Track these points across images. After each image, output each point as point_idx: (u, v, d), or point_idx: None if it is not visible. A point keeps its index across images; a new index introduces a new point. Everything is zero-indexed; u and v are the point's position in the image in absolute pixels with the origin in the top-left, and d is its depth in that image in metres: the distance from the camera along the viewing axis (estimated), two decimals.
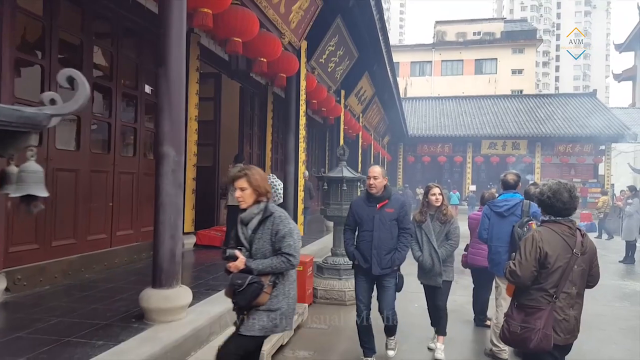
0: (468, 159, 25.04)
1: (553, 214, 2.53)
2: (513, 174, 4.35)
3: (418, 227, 4.29)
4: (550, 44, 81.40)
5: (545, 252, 2.40)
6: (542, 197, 2.56)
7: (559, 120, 24.67)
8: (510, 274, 2.46)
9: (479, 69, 40.25)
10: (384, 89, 13.52)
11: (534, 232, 2.50)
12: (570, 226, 2.50)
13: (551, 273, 2.41)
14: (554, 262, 2.41)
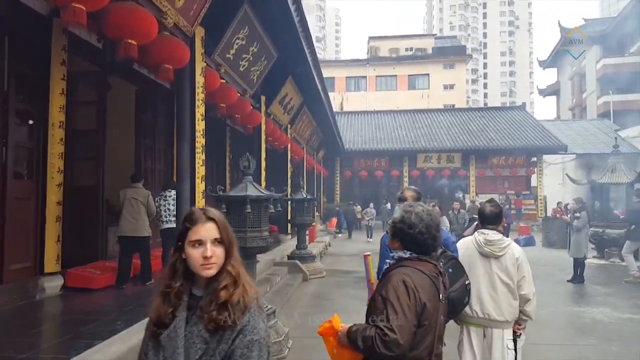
0: (405, 173, 24.50)
1: (421, 251, 1.96)
2: (412, 191, 3.88)
3: None
4: (478, 62, 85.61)
5: (423, 303, 1.82)
6: (411, 231, 1.95)
7: (491, 133, 24.82)
8: (388, 346, 1.72)
9: (412, 84, 40.67)
10: (314, 98, 12.30)
11: (401, 274, 1.86)
12: (436, 264, 2.00)
13: (427, 332, 1.85)
14: (430, 315, 1.85)
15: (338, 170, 25.53)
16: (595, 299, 7.94)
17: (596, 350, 5.31)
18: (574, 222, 9.71)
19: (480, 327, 3.19)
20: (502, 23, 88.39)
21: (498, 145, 23.38)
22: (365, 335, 1.80)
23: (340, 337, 1.94)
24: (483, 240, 3.27)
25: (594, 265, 11.02)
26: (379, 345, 1.74)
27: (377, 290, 1.94)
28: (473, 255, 3.30)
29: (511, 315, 3.14)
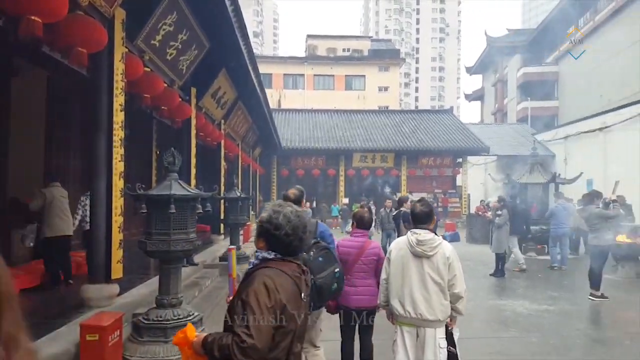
0: (341, 172, 24.74)
1: (287, 253, 1.93)
2: (295, 189, 4.11)
3: None
4: (410, 66, 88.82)
5: (283, 304, 1.78)
6: (277, 232, 1.91)
7: (421, 134, 25.71)
8: (245, 352, 1.64)
9: (349, 85, 41.23)
10: (249, 93, 11.95)
11: (263, 276, 1.81)
12: (300, 263, 1.97)
13: (287, 333, 1.81)
14: (291, 317, 1.83)
15: (275, 169, 25.25)
16: (515, 292, 8.38)
17: (518, 342, 5.55)
18: (496, 220, 10.23)
19: (414, 327, 3.20)
20: (433, 29, 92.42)
21: (428, 146, 24.27)
22: (222, 344, 1.70)
23: (196, 348, 1.84)
24: (415, 240, 3.25)
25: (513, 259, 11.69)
26: (236, 354, 1.65)
27: (238, 293, 1.84)
28: (406, 256, 3.29)
29: (443, 314, 3.16)
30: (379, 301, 3.52)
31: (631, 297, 7.71)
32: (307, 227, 2.01)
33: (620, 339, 5.64)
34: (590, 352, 5.24)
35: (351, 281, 3.84)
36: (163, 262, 4.62)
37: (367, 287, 3.85)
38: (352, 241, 4.01)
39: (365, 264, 3.88)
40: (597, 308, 7.19)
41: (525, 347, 5.35)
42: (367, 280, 3.87)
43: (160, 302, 4.56)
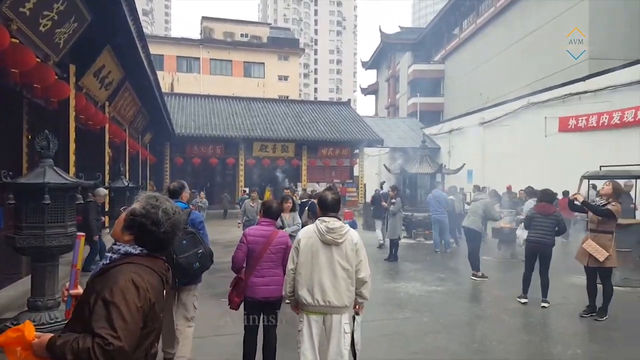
0: (241, 161, 24.20)
1: (157, 249, 1.80)
2: (177, 182, 4.38)
3: None
4: (309, 57, 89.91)
5: (152, 303, 1.69)
6: (155, 228, 1.75)
7: (321, 125, 26.15)
8: (111, 356, 1.50)
9: (248, 72, 40.46)
10: (138, 74, 10.98)
11: (130, 273, 1.66)
12: (164, 259, 1.85)
13: (150, 333, 1.72)
14: (156, 316, 1.73)
15: (168, 157, 23.84)
16: (407, 274, 8.89)
17: (412, 322, 5.86)
18: (391, 207, 10.76)
19: (321, 315, 3.21)
20: (331, 22, 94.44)
21: (327, 137, 24.77)
22: (80, 348, 1.50)
23: (36, 350, 1.60)
24: (325, 228, 3.24)
25: (404, 244, 12.41)
26: (99, 358, 1.50)
27: (95, 292, 1.63)
28: (315, 244, 3.27)
29: (349, 300, 3.21)
30: (284, 292, 3.45)
31: (507, 276, 8.60)
32: (182, 224, 1.94)
33: (499, 314, 6.24)
34: (474, 328, 5.71)
35: (259, 272, 3.82)
36: (36, 259, 4.03)
37: (275, 277, 3.83)
38: (260, 230, 3.95)
39: (274, 253, 3.86)
40: (478, 287, 7.89)
41: (418, 326, 5.67)
42: (275, 269, 3.85)
43: (33, 304, 3.99)
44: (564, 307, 6.57)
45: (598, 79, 16.83)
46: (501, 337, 5.26)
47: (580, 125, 17.38)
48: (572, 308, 6.36)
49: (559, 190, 14.47)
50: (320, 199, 3.44)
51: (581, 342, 5.13)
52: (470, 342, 5.12)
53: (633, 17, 20.29)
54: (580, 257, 6.11)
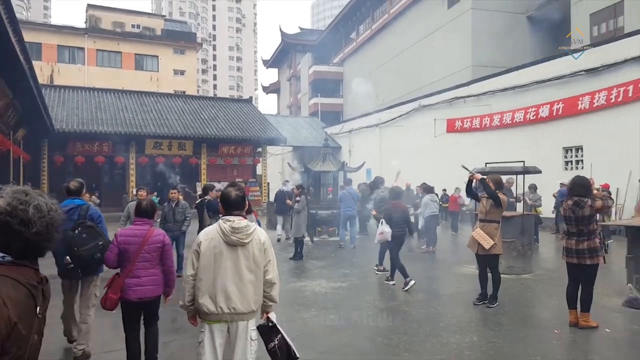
0: (131, 160, 22.43)
1: (27, 255, 1.43)
2: (76, 181, 4.58)
3: None
4: (208, 53, 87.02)
5: (13, 323, 1.29)
6: (24, 229, 1.39)
7: (222, 122, 25.32)
8: None
9: (140, 65, 37.92)
10: (9, 62, 9.50)
11: None
12: (37, 269, 1.47)
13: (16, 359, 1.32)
14: (22, 338, 1.33)
15: (45, 155, 21.26)
16: (313, 272, 8.84)
17: (318, 320, 5.76)
18: (295, 205, 10.66)
19: (225, 324, 2.93)
20: (230, 18, 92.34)
21: (228, 135, 24.04)
22: None
23: None
24: (229, 228, 2.92)
25: (309, 242, 12.39)
26: None
27: None
28: (218, 246, 2.94)
29: (257, 304, 2.98)
30: (182, 302, 3.09)
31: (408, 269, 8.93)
32: (61, 225, 1.56)
33: (401, 307, 6.41)
34: (379, 322, 5.77)
35: (134, 272, 3.78)
36: None
37: (151, 277, 3.83)
38: (133, 230, 3.90)
39: (149, 252, 3.82)
40: (381, 280, 8.09)
41: (325, 324, 5.58)
42: (151, 269, 3.84)
43: None
44: (459, 296, 6.96)
45: (480, 85, 18.48)
46: (404, 329, 5.37)
47: (465, 126, 18.93)
48: (466, 297, 6.75)
49: (451, 186, 15.60)
50: (222, 196, 3.13)
51: (476, 329, 5.43)
52: (376, 337, 5.15)
53: (512, 28, 22.64)
54: (470, 244, 6.50)
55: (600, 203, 5.32)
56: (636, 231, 6.51)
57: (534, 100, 16.05)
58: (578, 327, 5.24)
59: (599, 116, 13.97)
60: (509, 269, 7.97)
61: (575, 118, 14.73)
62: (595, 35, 18.30)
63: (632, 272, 6.36)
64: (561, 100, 15.10)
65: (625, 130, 13.09)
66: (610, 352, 4.68)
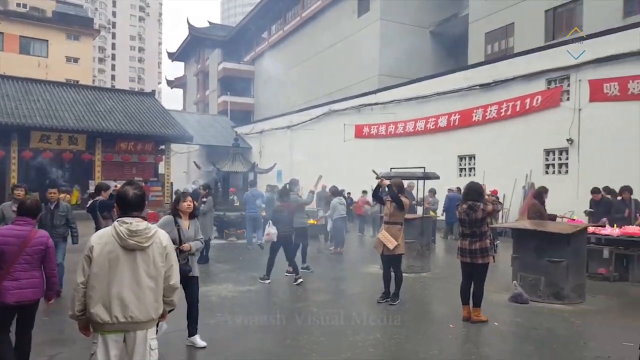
0: (12, 154, 19.94)
1: None
2: None
3: None
4: (106, 41, 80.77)
5: None
6: None
7: (120, 116, 23.57)
8: None
9: (26, 49, 34.09)
10: None
11: None
12: None
13: None
14: None
15: None
16: (219, 276, 8.54)
17: (226, 325, 5.56)
18: (202, 207, 10.21)
19: (121, 334, 2.68)
20: (132, 6, 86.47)
21: (127, 130, 22.45)
22: None
23: None
24: (126, 231, 2.65)
25: (216, 245, 12.00)
26: None
27: None
28: (114, 251, 2.66)
29: (157, 312, 2.78)
30: (71, 312, 2.75)
31: (317, 269, 9.01)
32: None
33: (309, 307, 6.43)
34: (287, 324, 5.71)
35: (13, 275, 3.61)
36: None
37: (32, 280, 3.71)
38: (12, 230, 3.71)
39: (30, 254, 3.69)
40: (290, 282, 8.05)
41: (232, 329, 5.41)
42: (31, 272, 3.72)
43: None
44: (364, 295, 7.17)
45: (386, 93, 19.38)
46: (311, 330, 5.38)
47: (372, 132, 19.73)
48: (370, 296, 6.96)
49: (358, 189, 16.10)
50: (119, 196, 2.84)
51: (380, 327, 5.61)
52: (284, 339, 5.10)
53: (416, 41, 24.06)
54: (376, 245, 6.76)
55: (491, 207, 5.81)
56: (520, 233, 7.22)
57: (434, 110, 17.23)
58: (471, 321, 5.65)
59: (491, 128, 15.39)
60: (409, 268, 8.39)
61: (469, 129, 16.07)
62: (489, 53, 20.15)
63: (516, 270, 7.04)
64: (458, 112, 16.39)
65: (512, 141, 14.58)
66: (498, 344, 5.10)
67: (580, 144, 12.95)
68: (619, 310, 6.24)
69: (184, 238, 4.68)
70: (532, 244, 6.83)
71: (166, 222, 4.68)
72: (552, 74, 13.80)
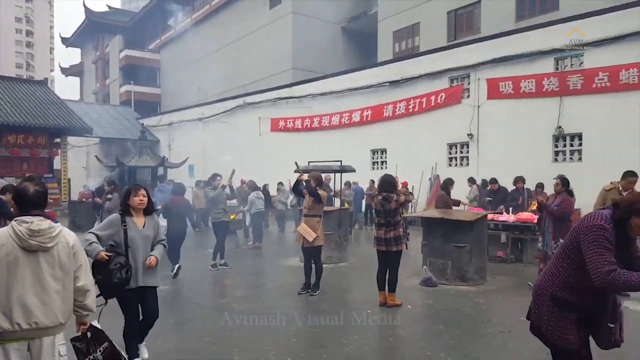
0: None
1: None
2: None
3: None
4: None
5: None
6: None
7: (6, 107, 21.02)
8: None
9: None
10: None
11: None
12: None
13: None
14: None
15: None
16: None
17: None
18: (106, 204, 9.54)
19: (24, 342, 2.50)
20: None
21: (15, 121, 20.08)
22: None
23: None
24: (26, 231, 2.43)
25: None
26: None
27: None
28: (12, 253, 2.44)
29: (65, 316, 2.61)
30: None
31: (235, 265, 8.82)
32: None
33: (229, 304, 6.29)
34: (207, 320, 5.54)
35: None
36: None
37: None
38: None
39: None
40: (213, 277, 7.83)
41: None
42: None
43: None
44: (285, 288, 7.18)
45: (301, 87, 19.48)
46: (232, 326, 5.27)
47: (288, 126, 19.74)
48: (291, 288, 6.99)
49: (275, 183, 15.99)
50: (18, 193, 2.59)
51: (301, 317, 5.66)
52: (203, 337, 4.95)
53: (329, 36, 24.42)
54: (297, 238, 6.83)
55: (403, 198, 6.13)
56: (429, 221, 7.70)
57: (348, 105, 17.69)
58: (387, 306, 5.93)
59: (400, 123, 16.17)
60: (328, 259, 8.56)
61: (381, 124, 16.75)
62: (397, 51, 21.12)
63: (426, 256, 7.51)
64: (370, 108, 16.99)
65: (419, 136, 15.46)
66: (412, 326, 5.40)
67: (479, 138, 14.11)
68: (515, 289, 6.91)
69: (136, 238, 3.90)
70: (439, 231, 7.32)
71: (110, 223, 3.91)
72: (454, 72, 14.84)
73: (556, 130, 12.45)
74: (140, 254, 3.88)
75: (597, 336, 2.56)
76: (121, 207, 4.05)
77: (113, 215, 4.02)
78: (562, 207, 6.31)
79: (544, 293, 2.59)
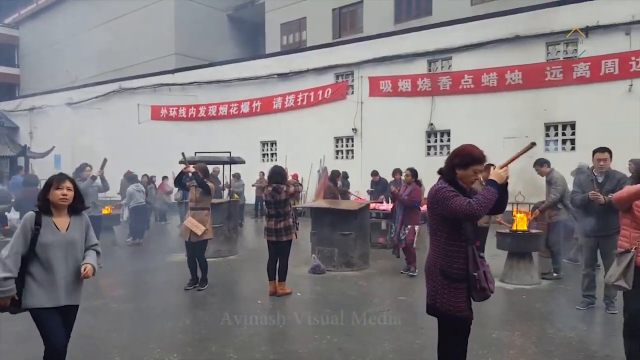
0: None
1: None
2: None
3: None
4: None
5: None
6: None
7: None
8: None
9: None
10: None
11: None
12: None
13: None
14: None
15: None
16: None
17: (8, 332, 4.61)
18: None
19: None
20: None
21: None
22: None
23: None
24: None
25: None
26: None
27: None
28: None
29: None
30: None
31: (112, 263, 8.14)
32: None
33: (107, 304, 5.81)
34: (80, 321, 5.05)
35: None
36: None
37: None
38: None
39: None
40: None
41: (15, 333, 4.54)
42: None
43: None
44: (169, 284, 6.86)
45: (185, 74, 18.60)
46: (112, 327, 4.92)
47: (171, 115, 18.73)
48: (177, 284, 6.70)
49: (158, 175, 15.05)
50: None
51: (188, 312, 5.47)
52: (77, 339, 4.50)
53: (214, 23, 23.53)
54: (183, 233, 6.53)
55: (293, 189, 6.24)
56: (317, 211, 7.94)
57: (237, 96, 17.36)
58: (277, 295, 5.99)
59: (289, 115, 16.34)
60: (216, 253, 8.37)
61: (270, 116, 16.75)
62: (285, 43, 21.19)
63: (315, 245, 7.73)
64: (259, 99, 16.88)
65: (308, 129, 15.79)
66: (302, 311, 5.53)
67: (362, 132, 14.89)
68: (394, 272, 7.46)
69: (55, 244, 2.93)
70: (327, 220, 7.60)
71: (23, 224, 2.94)
72: (339, 69, 15.43)
73: (428, 126, 13.67)
74: (60, 264, 2.95)
75: (469, 290, 2.76)
76: (39, 203, 3.01)
77: (28, 214, 2.97)
78: (412, 196, 7.09)
79: (434, 270, 2.80)
